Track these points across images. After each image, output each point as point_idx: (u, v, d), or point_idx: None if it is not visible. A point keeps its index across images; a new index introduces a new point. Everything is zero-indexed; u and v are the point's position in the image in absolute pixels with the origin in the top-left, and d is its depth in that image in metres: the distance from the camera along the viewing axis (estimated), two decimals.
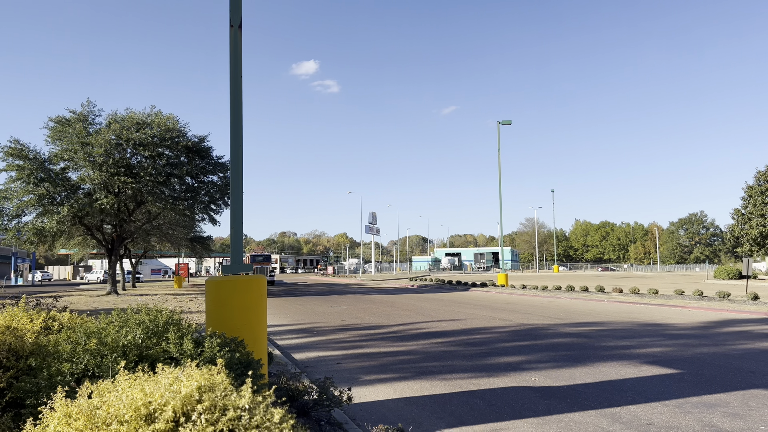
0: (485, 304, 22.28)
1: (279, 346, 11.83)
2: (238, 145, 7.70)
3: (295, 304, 24.65)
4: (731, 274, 41.03)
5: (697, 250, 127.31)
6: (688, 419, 6.11)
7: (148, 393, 2.59)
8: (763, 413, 6.30)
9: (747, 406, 6.60)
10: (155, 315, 4.17)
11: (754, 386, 7.53)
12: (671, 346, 10.87)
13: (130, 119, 30.39)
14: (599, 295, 24.91)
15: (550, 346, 11.20)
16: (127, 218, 33.58)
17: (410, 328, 14.59)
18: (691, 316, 16.92)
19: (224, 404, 2.56)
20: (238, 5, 8.07)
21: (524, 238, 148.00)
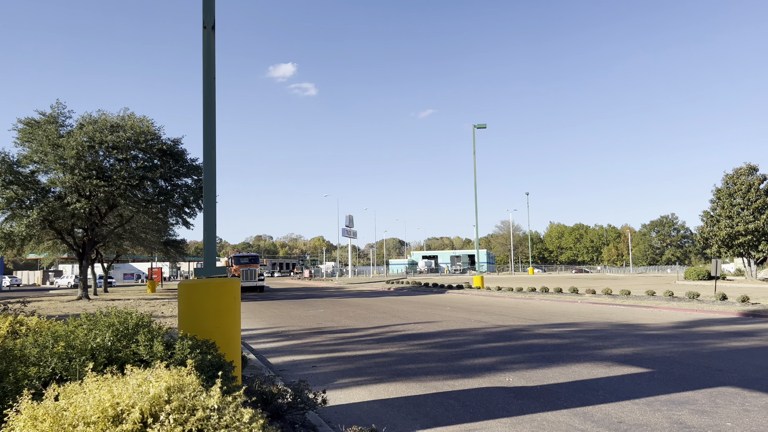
0: (461, 306, 22.38)
1: (254, 350, 11.74)
2: (211, 147, 7.64)
3: (271, 307, 24.49)
4: (701, 275, 41.85)
5: (669, 251, 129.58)
6: (658, 417, 6.22)
7: (116, 394, 2.56)
8: (729, 410, 6.44)
9: (714, 403, 6.74)
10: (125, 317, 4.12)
11: (721, 384, 7.70)
12: (642, 346, 11.05)
13: (103, 121, 29.94)
14: (573, 297, 25.21)
15: (525, 347, 11.30)
16: (99, 222, 33.04)
17: (386, 331, 14.59)
18: (662, 316, 17.22)
19: (193, 404, 2.54)
20: (212, 6, 8.01)
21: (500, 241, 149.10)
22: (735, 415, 6.25)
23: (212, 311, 6.68)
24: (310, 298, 31.25)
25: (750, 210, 41.49)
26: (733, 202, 43.00)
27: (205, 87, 7.81)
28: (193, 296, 6.71)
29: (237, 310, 7.09)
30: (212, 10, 8.03)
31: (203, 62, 7.87)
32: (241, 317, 7.31)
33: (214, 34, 8.00)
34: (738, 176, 43.46)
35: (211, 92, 7.80)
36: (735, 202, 42.89)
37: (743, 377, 8.08)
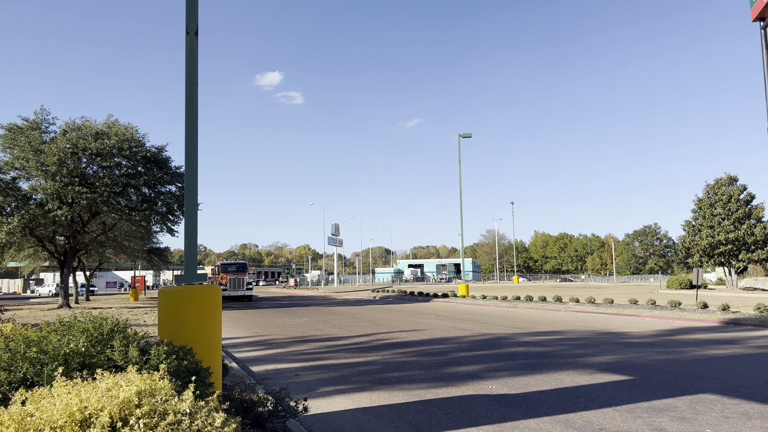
0: (446, 315, 22.38)
1: (236, 358, 11.63)
2: (193, 153, 7.59)
3: (255, 316, 24.31)
4: (683, 284, 42.25)
5: (652, 261, 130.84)
6: (638, 423, 6.24)
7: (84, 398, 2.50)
8: (709, 417, 6.48)
9: (694, 410, 6.78)
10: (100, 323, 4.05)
11: (701, 391, 7.75)
12: (624, 354, 11.11)
13: (87, 128, 29.67)
14: (557, 305, 25.31)
15: (508, 355, 11.31)
16: (81, 229, 32.66)
17: (371, 339, 14.54)
18: (644, 324, 17.33)
19: (164, 409, 2.49)
20: (195, 12, 7.99)
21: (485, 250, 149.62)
22: (714, 422, 6.29)
23: (192, 318, 6.61)
24: (294, 307, 31.07)
25: (730, 220, 42.05)
26: (714, 212, 43.56)
27: (187, 93, 7.77)
28: (173, 303, 6.64)
29: (218, 317, 7.01)
30: (195, 16, 8.00)
31: (186, 68, 7.83)
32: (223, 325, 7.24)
33: (197, 40, 7.97)
34: (719, 187, 44.06)
35: (193, 98, 7.76)
36: (716, 212, 43.45)
37: (723, 385, 8.14)
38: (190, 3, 7.99)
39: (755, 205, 42.48)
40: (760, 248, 40.64)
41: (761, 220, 41.76)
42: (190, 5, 8.00)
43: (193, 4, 8.00)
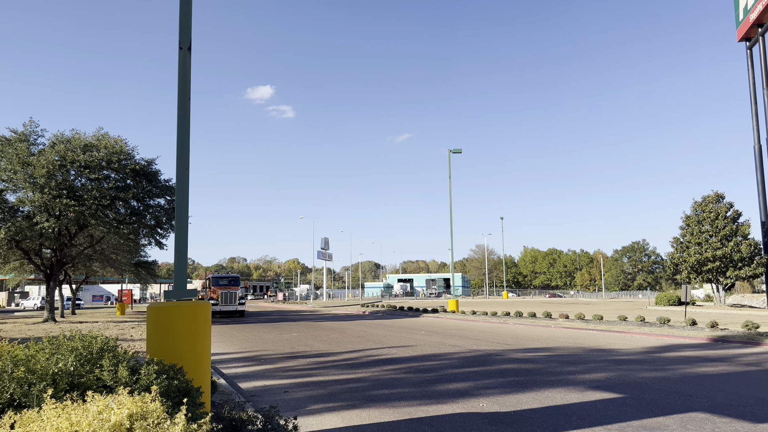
0: (436, 330, 22.32)
1: (224, 375, 11.51)
2: (184, 168, 7.56)
3: (243, 331, 24.12)
4: (671, 300, 42.44)
5: (640, 277, 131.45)
6: None
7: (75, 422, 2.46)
8: None
9: (685, 428, 6.77)
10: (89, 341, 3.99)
11: (691, 409, 7.75)
12: (615, 371, 11.11)
13: (76, 140, 29.52)
14: (546, 321, 25.33)
15: (499, 372, 11.28)
16: (68, 242, 32.37)
17: (361, 356, 14.45)
18: (633, 341, 17.37)
19: None
20: (188, 28, 8.00)
21: (475, 265, 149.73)
22: None
23: (182, 335, 6.54)
24: (283, 322, 30.88)
25: (718, 237, 42.40)
26: (702, 229, 43.91)
27: (179, 107, 7.76)
28: (162, 320, 6.57)
29: (207, 333, 6.95)
30: (189, 31, 8.02)
31: (178, 83, 7.83)
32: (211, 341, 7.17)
33: (190, 55, 7.97)
34: (706, 204, 44.46)
35: (185, 113, 7.74)
36: (703, 229, 43.81)
37: (713, 403, 8.16)
38: (184, 19, 8.01)
39: (742, 223, 42.89)
40: (747, 265, 40.95)
41: (747, 237, 42.14)
42: (184, 21, 8.02)
43: (186, 20, 8.02)
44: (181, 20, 8.01)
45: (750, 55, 43.38)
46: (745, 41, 43.72)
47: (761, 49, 41.40)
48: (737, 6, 44.57)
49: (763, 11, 39.67)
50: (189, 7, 8.06)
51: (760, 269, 40.71)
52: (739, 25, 44.00)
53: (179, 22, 8.00)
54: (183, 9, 8.01)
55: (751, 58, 43.36)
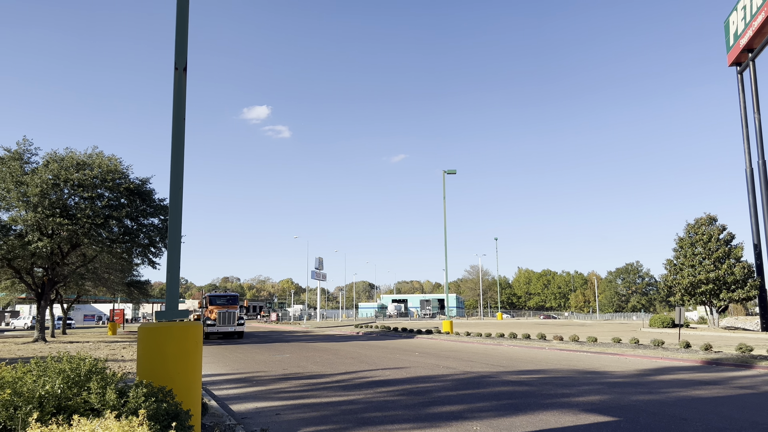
0: (430, 352, 22.19)
1: (215, 396, 11.38)
2: (178, 188, 7.55)
3: (235, 352, 23.91)
4: (665, 322, 42.39)
5: (634, 299, 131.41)
6: None
7: None
8: None
9: None
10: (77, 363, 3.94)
11: None
12: (609, 394, 11.05)
13: (69, 159, 29.47)
14: (541, 343, 25.23)
15: (493, 394, 11.20)
16: (61, 261, 32.16)
17: (354, 377, 14.33)
18: (628, 363, 17.30)
19: None
20: (184, 48, 8.05)
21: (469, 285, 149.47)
22: None
23: (172, 356, 6.48)
24: (276, 342, 30.64)
25: (711, 259, 42.51)
26: (695, 251, 44.03)
27: (174, 128, 7.77)
28: (153, 340, 6.51)
29: (198, 355, 6.89)
30: (185, 52, 8.07)
31: (173, 103, 7.86)
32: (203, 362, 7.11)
33: (185, 75, 8.02)
34: (699, 226, 44.65)
35: (180, 133, 7.76)
36: (697, 251, 43.93)
37: (707, 426, 8.11)
38: (180, 40, 8.07)
39: (735, 245, 43.05)
40: (740, 288, 41.01)
41: (740, 259, 42.27)
42: (180, 42, 8.07)
43: (182, 41, 8.08)
44: (177, 41, 8.07)
45: (741, 79, 43.96)
46: (736, 66, 44.34)
47: (751, 74, 41.97)
48: (728, 31, 45.27)
49: (753, 37, 40.30)
50: (185, 28, 8.12)
51: (754, 292, 40.77)
52: (730, 50, 44.66)
53: (175, 43, 8.06)
54: (179, 30, 8.08)
55: (741, 83, 43.93)
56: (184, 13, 8.13)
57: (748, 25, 40.86)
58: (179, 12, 8.09)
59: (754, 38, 40.43)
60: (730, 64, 44.72)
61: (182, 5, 8.11)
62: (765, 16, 37.82)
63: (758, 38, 40.23)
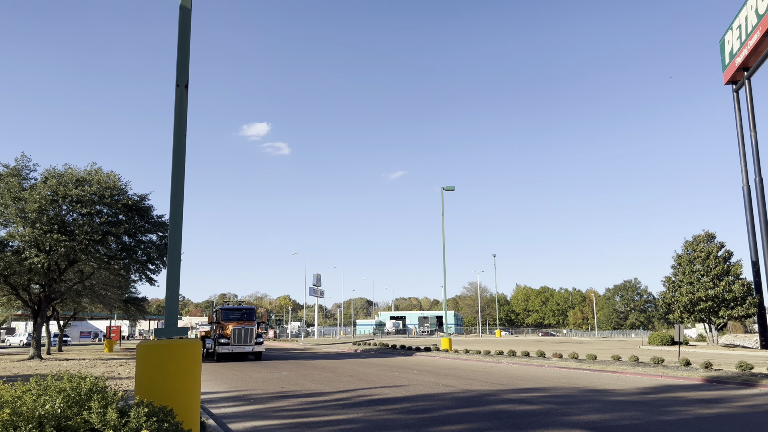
0: (429, 370, 22.05)
1: (213, 414, 11.28)
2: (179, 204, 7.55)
3: (232, 369, 23.73)
4: (664, 340, 42.21)
5: (632, 316, 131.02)
6: None
7: None
8: None
9: None
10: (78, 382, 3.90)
11: None
12: (610, 413, 10.97)
13: (68, 175, 29.49)
14: (540, 361, 25.10)
15: (493, 413, 11.11)
16: (58, 278, 32.03)
17: (352, 396, 14.23)
18: (628, 381, 17.21)
19: None
20: (186, 66, 8.10)
21: (467, 302, 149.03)
22: None
23: (171, 374, 6.43)
24: (274, 360, 30.44)
25: (709, 277, 42.45)
26: (694, 268, 43.98)
27: (175, 144, 7.80)
28: (152, 358, 6.46)
29: (197, 373, 6.84)
30: (186, 70, 8.12)
31: (174, 120, 7.89)
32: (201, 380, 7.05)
33: (186, 92, 8.06)
34: (697, 243, 44.64)
35: (181, 150, 7.78)
36: (695, 268, 43.88)
37: None
38: (181, 57, 8.12)
39: (733, 263, 43.03)
40: (739, 305, 40.91)
41: (739, 277, 42.22)
42: (181, 59, 8.12)
43: (184, 58, 8.13)
44: (179, 59, 8.12)
45: (737, 97, 44.30)
46: (732, 84, 44.70)
47: (747, 92, 42.29)
48: (723, 50, 45.71)
49: (748, 56, 40.68)
50: (187, 46, 8.19)
51: (753, 309, 40.69)
52: (726, 68, 45.05)
53: (177, 61, 8.11)
54: (181, 48, 8.14)
55: (737, 101, 44.26)
56: (186, 31, 8.20)
57: (743, 45, 41.27)
58: (181, 30, 8.16)
59: (749, 57, 40.81)
60: (726, 83, 45.10)
61: (184, 23, 8.18)
62: (760, 35, 38.21)
63: (753, 57, 40.62)
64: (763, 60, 39.75)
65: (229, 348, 29.22)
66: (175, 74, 8.09)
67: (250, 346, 29.75)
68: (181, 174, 7.70)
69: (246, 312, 32.24)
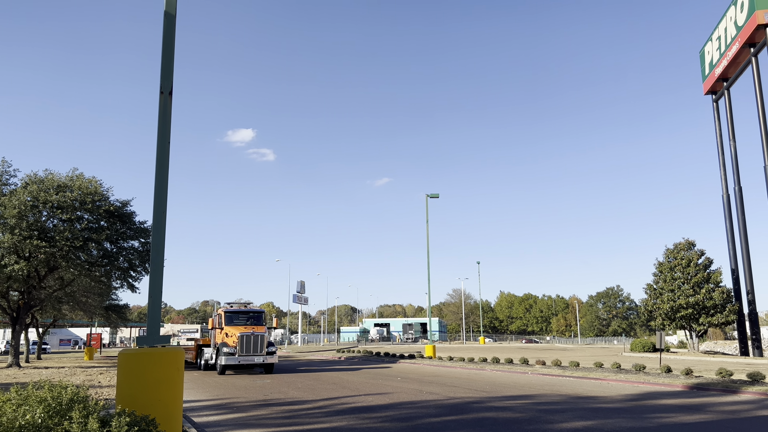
0: (413, 377, 22.04)
1: (195, 423, 11.17)
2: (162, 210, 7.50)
3: (214, 376, 23.53)
4: (646, 347, 42.63)
5: (615, 323, 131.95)
6: None
7: None
8: None
9: None
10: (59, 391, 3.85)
11: None
12: (593, 420, 11.04)
13: (49, 181, 29.10)
14: (523, 368, 25.20)
15: (477, 420, 11.13)
16: (37, 284, 31.55)
17: (336, 403, 14.18)
18: (610, 388, 17.34)
19: None
20: (170, 73, 8.07)
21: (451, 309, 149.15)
22: None
23: (153, 383, 6.37)
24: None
25: (690, 284, 42.98)
26: (674, 276, 44.50)
27: (158, 151, 7.75)
28: (134, 367, 6.40)
29: (180, 381, 6.79)
30: (170, 76, 8.09)
31: (158, 126, 7.85)
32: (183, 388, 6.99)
33: (171, 99, 8.03)
34: (678, 251, 45.20)
35: (164, 156, 7.74)
36: (676, 276, 44.40)
37: None
38: (166, 64, 8.09)
39: (713, 270, 43.61)
40: (719, 312, 41.45)
41: (719, 284, 42.79)
42: (166, 66, 8.09)
43: (168, 65, 8.10)
44: (163, 65, 8.09)
45: (716, 107, 45.06)
46: (712, 94, 45.46)
47: (726, 103, 43.04)
48: (703, 61, 46.48)
49: (727, 66, 41.41)
50: (171, 52, 8.16)
51: (732, 316, 41.25)
52: (706, 78, 45.80)
53: (161, 67, 8.08)
54: (165, 54, 8.11)
55: (717, 111, 45.02)
56: (171, 37, 8.17)
57: (722, 55, 42.01)
58: (165, 36, 8.14)
59: (728, 68, 41.55)
60: (706, 93, 45.85)
61: (168, 30, 8.16)
62: (739, 46, 38.93)
63: (733, 68, 41.36)
64: (742, 70, 40.51)
65: (236, 359, 24.52)
66: (159, 81, 8.06)
67: (260, 356, 25.07)
68: (164, 180, 7.66)
69: (254, 315, 27.70)
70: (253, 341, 24.92)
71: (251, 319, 27.27)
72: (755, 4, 36.15)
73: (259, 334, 25.17)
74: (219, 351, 25.16)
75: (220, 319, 26.93)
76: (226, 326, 26.18)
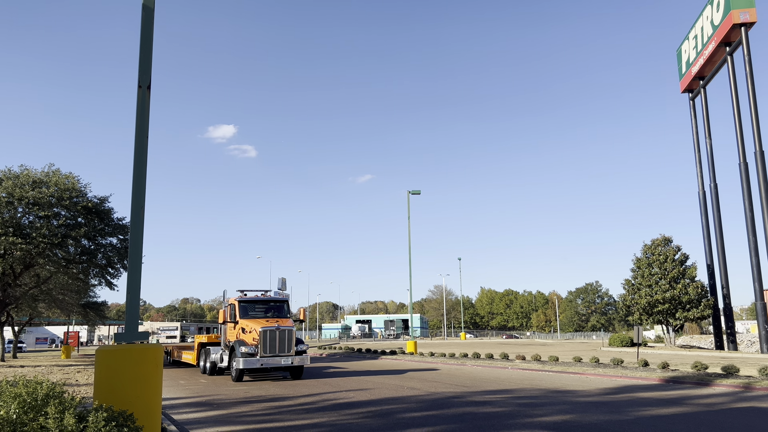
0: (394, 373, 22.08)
1: (175, 421, 11.10)
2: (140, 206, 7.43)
3: (195, 374, 23.37)
4: (624, 341, 43.22)
5: (594, 318, 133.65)
6: None
7: None
8: None
9: None
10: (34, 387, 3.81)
11: None
12: (571, 413, 11.18)
13: (24, 177, 28.59)
14: (504, 363, 25.41)
15: (457, 415, 11.21)
16: (13, 282, 31.02)
17: (318, 399, 14.18)
18: (588, 382, 17.56)
19: None
20: (148, 67, 7.98)
21: (433, 305, 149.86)
22: None
23: (132, 380, 6.32)
24: None
25: (667, 279, 43.65)
26: (652, 271, 45.17)
27: (136, 146, 7.67)
28: (111, 363, 6.34)
29: (158, 378, 6.74)
30: (149, 71, 8.00)
31: (137, 121, 7.77)
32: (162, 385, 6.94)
33: (149, 93, 7.94)
34: (655, 247, 45.87)
35: (142, 152, 7.66)
36: (653, 271, 45.07)
37: None
38: (144, 58, 8.00)
39: (689, 265, 44.33)
40: (695, 307, 42.18)
41: (695, 279, 43.53)
42: (144, 60, 8.00)
43: (146, 59, 8.01)
44: (141, 59, 8.00)
45: (693, 105, 45.76)
46: (688, 92, 46.14)
47: (702, 101, 43.71)
48: (680, 59, 47.13)
49: (704, 65, 42.04)
50: (149, 46, 8.07)
51: (707, 311, 42.01)
52: (682, 77, 46.46)
53: (139, 61, 7.99)
54: (143, 48, 8.02)
55: (693, 109, 45.72)
56: (149, 31, 8.09)
57: (699, 54, 42.63)
58: (143, 30, 8.05)
59: (705, 66, 42.19)
60: (683, 91, 46.52)
61: (147, 23, 8.07)
62: (715, 45, 39.54)
63: (709, 66, 42.00)
64: (718, 69, 41.15)
65: (257, 360, 19.34)
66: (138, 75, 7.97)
67: (288, 357, 19.87)
68: (142, 176, 7.58)
69: (276, 305, 22.24)
70: (279, 338, 19.84)
71: (273, 310, 21.97)
72: (731, 3, 36.73)
73: (286, 329, 20.06)
74: (234, 351, 19.97)
75: (233, 311, 21.53)
76: (242, 319, 20.92)
